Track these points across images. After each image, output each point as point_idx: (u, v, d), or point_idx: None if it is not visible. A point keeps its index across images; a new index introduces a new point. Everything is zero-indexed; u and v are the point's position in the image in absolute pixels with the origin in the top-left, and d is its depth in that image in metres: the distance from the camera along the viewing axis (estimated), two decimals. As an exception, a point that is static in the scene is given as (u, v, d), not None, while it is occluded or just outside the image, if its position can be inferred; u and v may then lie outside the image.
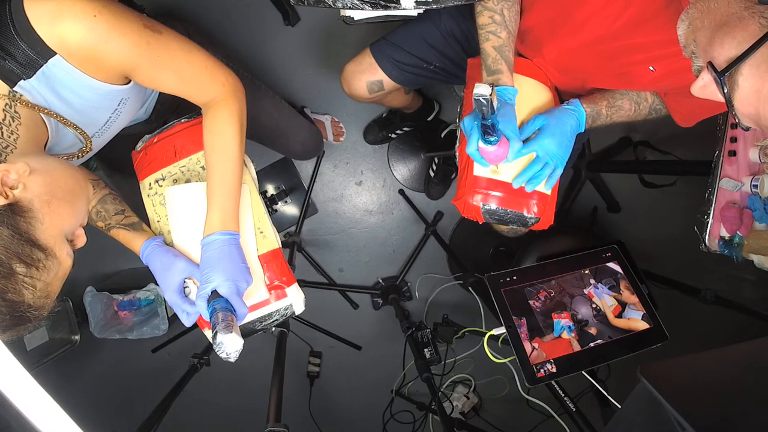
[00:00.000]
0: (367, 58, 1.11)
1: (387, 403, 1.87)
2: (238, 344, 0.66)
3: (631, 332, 1.05)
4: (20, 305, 0.54)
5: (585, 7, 0.77)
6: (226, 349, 0.66)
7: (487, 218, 0.91)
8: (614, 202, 1.94)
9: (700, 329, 1.62)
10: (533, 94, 0.93)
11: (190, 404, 1.48)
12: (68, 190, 0.62)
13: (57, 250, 0.58)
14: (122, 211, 0.83)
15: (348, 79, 1.15)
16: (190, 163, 0.85)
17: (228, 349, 0.66)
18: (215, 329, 0.66)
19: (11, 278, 0.53)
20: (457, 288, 1.93)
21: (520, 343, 0.98)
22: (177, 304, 0.76)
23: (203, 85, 0.75)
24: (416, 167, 1.88)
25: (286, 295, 0.86)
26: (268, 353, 1.08)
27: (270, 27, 1.71)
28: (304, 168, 1.85)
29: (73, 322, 1.77)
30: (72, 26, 0.58)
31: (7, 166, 0.55)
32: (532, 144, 0.83)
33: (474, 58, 1.00)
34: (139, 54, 0.65)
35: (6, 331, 0.54)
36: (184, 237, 0.81)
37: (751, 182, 1.11)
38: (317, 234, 1.92)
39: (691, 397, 0.56)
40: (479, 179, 0.88)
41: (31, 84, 0.61)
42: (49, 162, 0.63)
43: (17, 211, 0.54)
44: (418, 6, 0.79)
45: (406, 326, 1.34)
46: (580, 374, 1.01)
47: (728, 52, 0.50)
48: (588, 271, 1.12)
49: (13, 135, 0.60)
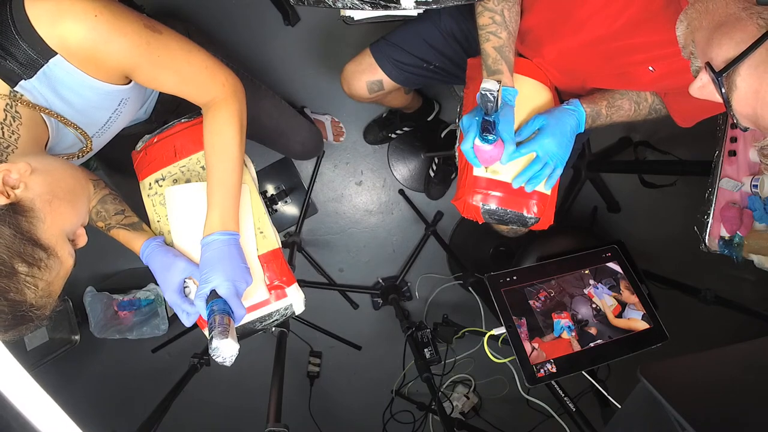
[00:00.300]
0: (367, 58, 1.11)
1: (387, 403, 1.87)
2: (233, 349, 0.66)
3: (631, 332, 1.05)
4: (22, 305, 0.54)
5: (585, 7, 0.77)
6: (222, 354, 0.65)
7: (487, 218, 0.91)
8: (614, 202, 1.94)
9: (700, 329, 1.62)
10: (533, 94, 0.93)
11: (190, 404, 1.48)
12: (69, 190, 0.62)
13: (59, 249, 0.58)
14: (122, 211, 0.83)
15: (348, 79, 1.15)
16: (190, 163, 0.85)
17: (224, 354, 0.65)
18: (211, 334, 0.66)
19: (13, 278, 0.53)
20: (457, 288, 1.93)
21: (520, 343, 0.98)
22: (177, 304, 0.76)
23: (203, 85, 0.75)
24: (416, 167, 1.88)
25: (286, 295, 0.86)
26: (268, 353, 1.08)
27: (270, 27, 1.71)
28: (304, 168, 1.85)
29: (73, 322, 1.77)
30: (73, 26, 0.58)
31: (8, 165, 0.55)
32: (531, 144, 0.83)
33: (474, 59, 1.00)
34: (140, 54, 0.65)
35: (8, 331, 0.54)
36: (184, 237, 0.81)
37: (751, 182, 1.11)
38: (317, 234, 1.92)
39: (691, 397, 0.56)
40: (479, 179, 0.88)
41: (31, 84, 0.61)
42: (50, 162, 0.63)
43: (19, 211, 0.54)
44: (418, 6, 0.78)
45: (406, 326, 1.34)
46: (580, 374, 1.01)
47: (726, 53, 0.50)
48: (588, 271, 1.12)
49: (14, 135, 0.60)
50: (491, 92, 0.64)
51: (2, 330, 0.53)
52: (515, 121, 0.83)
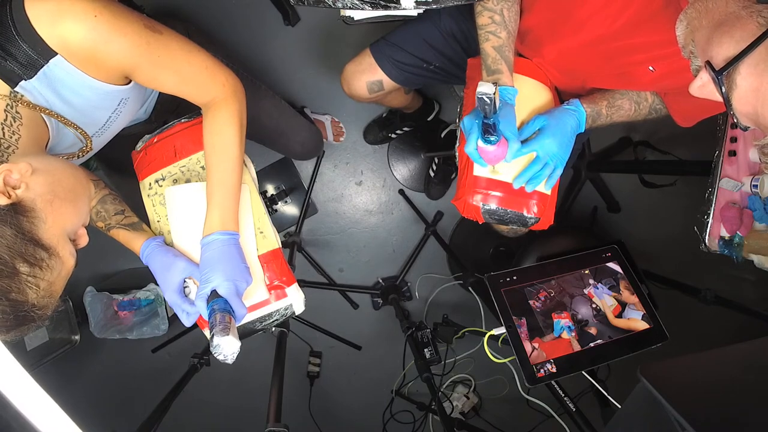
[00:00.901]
0: (367, 58, 1.11)
1: (387, 403, 1.87)
2: (234, 347, 0.66)
3: (631, 332, 1.05)
4: (24, 305, 0.54)
5: (585, 7, 0.77)
6: (223, 352, 0.66)
7: (487, 218, 0.91)
8: (614, 202, 1.94)
9: (700, 329, 1.62)
10: (533, 94, 0.93)
11: (190, 404, 1.48)
12: (70, 190, 0.62)
13: (60, 249, 0.58)
14: (122, 212, 0.83)
15: (348, 79, 1.15)
16: (190, 163, 0.85)
17: (225, 352, 0.66)
18: (212, 332, 0.66)
19: (15, 278, 0.53)
20: (457, 288, 1.93)
21: (520, 343, 0.98)
22: (177, 304, 0.76)
23: (203, 85, 0.75)
24: (416, 167, 1.88)
25: (286, 295, 0.86)
26: (268, 353, 1.08)
27: (270, 27, 1.71)
28: (304, 168, 1.85)
29: (73, 322, 1.77)
30: (73, 26, 0.58)
31: (9, 165, 0.55)
32: (532, 144, 0.83)
33: (474, 58, 1.00)
34: (140, 54, 0.65)
35: (10, 331, 0.54)
36: (184, 237, 0.81)
37: (751, 182, 1.11)
38: (317, 234, 1.92)
39: (691, 397, 0.56)
40: (479, 179, 0.88)
41: (32, 84, 0.61)
42: (51, 162, 0.63)
43: (20, 211, 0.54)
44: (418, 6, 0.79)
45: (406, 326, 1.34)
46: (580, 374, 1.01)
47: (726, 51, 0.50)
48: (588, 271, 1.12)
49: (14, 135, 0.60)
50: (487, 95, 0.64)
51: (4, 330, 0.53)
52: (516, 121, 0.83)
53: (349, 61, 1.15)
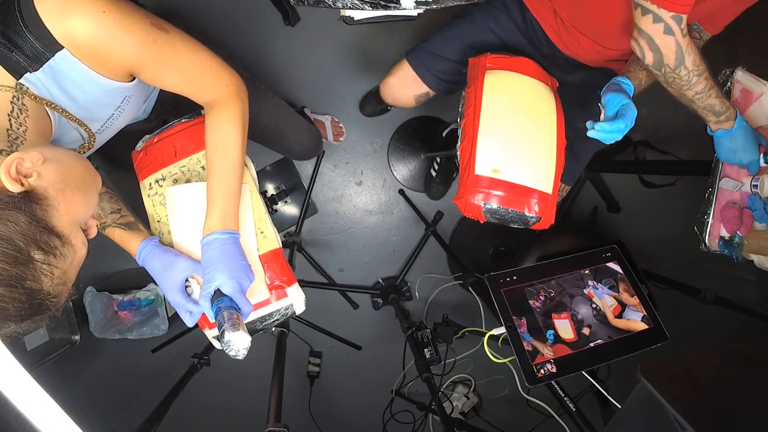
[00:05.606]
0: (409, 71, 1.12)
1: (387, 403, 1.87)
2: (246, 341, 0.66)
3: (631, 332, 1.05)
4: (39, 293, 0.54)
5: None
6: (235, 347, 0.66)
7: (489, 217, 0.91)
8: (614, 202, 1.94)
9: (700, 329, 1.62)
10: (533, 93, 0.93)
11: (190, 404, 1.48)
12: (80, 180, 0.62)
13: (72, 237, 0.58)
14: (118, 210, 0.83)
15: (392, 93, 1.16)
16: (190, 163, 0.85)
17: (237, 347, 0.66)
18: (222, 328, 0.66)
19: (30, 265, 0.53)
20: (457, 288, 1.93)
21: (520, 343, 0.98)
22: (180, 303, 0.75)
23: (207, 84, 0.75)
24: (416, 167, 1.88)
25: (287, 294, 0.86)
26: (268, 353, 1.08)
27: (270, 27, 1.71)
28: (304, 168, 1.85)
29: (73, 322, 1.76)
30: (80, 21, 0.58)
31: (21, 154, 0.55)
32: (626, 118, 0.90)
33: (474, 58, 1.00)
34: (146, 52, 0.65)
35: (25, 320, 0.54)
36: (185, 237, 0.81)
37: (751, 182, 1.11)
38: (317, 234, 1.92)
39: (691, 397, 0.56)
40: (481, 178, 0.88)
41: (37, 77, 0.61)
42: (60, 152, 0.63)
43: (33, 199, 0.54)
44: (418, 6, 0.79)
45: (406, 326, 1.34)
46: (580, 374, 1.01)
47: None
48: (588, 271, 1.12)
49: (22, 127, 0.60)
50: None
51: (19, 319, 0.53)
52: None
53: (389, 73, 1.16)
